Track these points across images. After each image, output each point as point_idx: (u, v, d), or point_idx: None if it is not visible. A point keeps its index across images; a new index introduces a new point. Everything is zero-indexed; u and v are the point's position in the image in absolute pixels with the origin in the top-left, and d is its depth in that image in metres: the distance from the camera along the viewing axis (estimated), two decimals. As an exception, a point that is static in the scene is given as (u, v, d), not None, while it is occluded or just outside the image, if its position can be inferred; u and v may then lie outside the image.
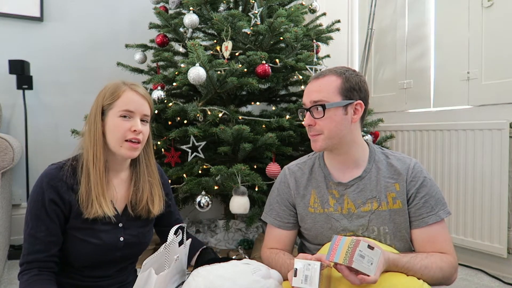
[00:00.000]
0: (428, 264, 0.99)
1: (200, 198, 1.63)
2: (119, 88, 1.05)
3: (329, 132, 1.07)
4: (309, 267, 0.88)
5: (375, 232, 1.10)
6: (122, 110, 1.03)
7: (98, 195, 1.01)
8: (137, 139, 1.04)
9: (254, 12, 1.90)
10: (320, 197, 1.16)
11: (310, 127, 1.09)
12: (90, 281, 1.06)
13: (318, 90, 1.08)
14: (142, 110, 1.06)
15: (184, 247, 1.13)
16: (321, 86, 1.09)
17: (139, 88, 1.08)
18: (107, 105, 1.04)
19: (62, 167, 1.03)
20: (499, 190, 1.86)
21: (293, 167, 1.25)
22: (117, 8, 2.73)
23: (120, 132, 1.02)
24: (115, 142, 1.03)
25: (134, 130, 1.03)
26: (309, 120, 1.08)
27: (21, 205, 2.42)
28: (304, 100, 1.12)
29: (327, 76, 1.10)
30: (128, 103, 1.04)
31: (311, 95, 1.09)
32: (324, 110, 1.06)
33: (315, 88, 1.09)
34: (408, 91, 2.43)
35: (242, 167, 1.52)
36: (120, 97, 1.04)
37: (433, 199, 1.09)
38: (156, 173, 1.18)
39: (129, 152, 1.04)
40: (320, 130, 1.08)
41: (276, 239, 1.23)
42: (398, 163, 1.13)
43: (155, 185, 1.15)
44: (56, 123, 2.55)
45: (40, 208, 0.98)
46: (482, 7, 2.00)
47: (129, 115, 1.04)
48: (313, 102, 1.08)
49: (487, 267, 1.95)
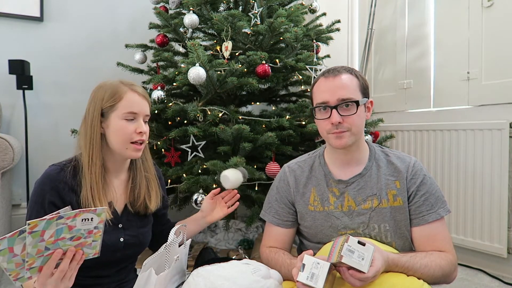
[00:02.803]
0: (428, 263, 0.99)
1: (197, 196, 1.62)
2: (119, 89, 1.04)
3: (356, 128, 1.08)
4: (318, 265, 0.87)
5: (375, 230, 1.10)
6: (126, 113, 1.03)
7: (95, 198, 1.01)
8: (142, 140, 1.06)
9: (254, 12, 1.90)
10: (320, 195, 1.16)
11: (339, 124, 1.06)
12: (89, 280, 1.06)
13: (344, 88, 1.07)
14: (144, 110, 1.07)
15: (184, 247, 1.13)
16: (345, 83, 1.08)
17: (138, 88, 1.08)
18: (108, 107, 1.03)
19: (63, 168, 1.03)
20: (499, 190, 1.86)
21: (293, 165, 1.25)
22: (117, 8, 2.73)
23: (126, 135, 1.03)
24: (120, 144, 1.03)
25: (139, 132, 1.04)
26: (338, 117, 1.05)
27: (21, 205, 2.42)
28: (327, 98, 1.08)
29: (343, 74, 1.09)
30: (131, 105, 1.04)
31: (337, 93, 1.06)
32: (357, 107, 1.07)
33: (339, 86, 1.07)
34: (408, 91, 2.43)
35: (238, 159, 1.49)
36: (122, 98, 1.03)
37: (433, 197, 1.10)
38: (152, 168, 1.18)
39: (134, 153, 1.05)
40: (348, 127, 1.07)
41: (275, 237, 1.23)
42: (398, 161, 1.14)
43: (151, 180, 1.16)
44: (56, 123, 2.55)
45: (40, 210, 0.98)
46: (482, 7, 2.00)
47: (134, 117, 1.04)
48: (341, 100, 1.06)
49: (487, 267, 1.95)
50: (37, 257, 0.79)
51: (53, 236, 0.79)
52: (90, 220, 0.81)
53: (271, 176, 1.70)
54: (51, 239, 0.79)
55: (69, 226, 0.80)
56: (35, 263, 0.79)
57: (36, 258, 0.79)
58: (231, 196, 1.34)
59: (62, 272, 0.81)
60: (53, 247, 0.80)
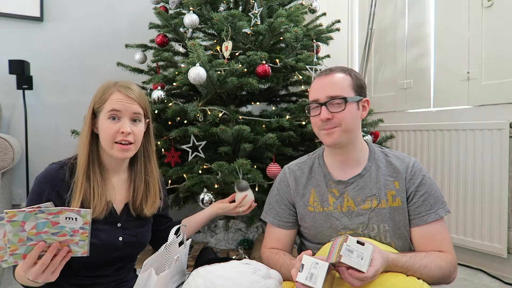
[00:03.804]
0: (428, 263, 0.99)
1: (203, 195, 1.63)
2: (108, 90, 1.05)
3: (346, 125, 1.09)
4: (316, 265, 0.87)
5: (375, 230, 1.10)
6: (109, 111, 1.02)
7: (86, 197, 1.01)
8: (126, 140, 1.03)
9: (254, 12, 1.90)
10: (319, 196, 1.16)
11: (328, 120, 1.09)
12: (88, 279, 1.06)
13: (334, 85, 1.10)
14: (130, 109, 1.04)
15: (184, 247, 1.13)
16: (335, 81, 1.10)
17: (126, 89, 1.05)
18: (97, 107, 1.04)
19: (62, 166, 1.04)
20: (499, 190, 1.86)
21: (292, 167, 1.25)
22: (117, 8, 2.73)
23: (109, 134, 1.02)
24: (106, 144, 1.04)
25: (122, 131, 1.02)
26: (327, 114, 1.08)
27: (21, 205, 2.42)
28: (317, 96, 1.11)
29: (336, 73, 1.12)
30: (114, 104, 1.03)
31: (326, 90, 1.10)
32: (346, 103, 1.08)
33: (329, 84, 1.10)
34: (408, 91, 2.43)
35: (243, 162, 1.53)
36: (108, 99, 1.03)
37: (432, 198, 1.10)
38: (156, 173, 1.17)
39: (120, 154, 1.03)
40: (338, 122, 1.09)
41: (276, 238, 1.23)
42: (397, 162, 1.14)
43: (152, 185, 1.14)
44: (56, 123, 2.55)
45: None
46: (482, 7, 2.00)
47: (117, 115, 1.03)
48: (329, 97, 1.09)
49: (487, 267, 1.95)
50: (19, 245, 0.79)
51: (34, 228, 0.78)
52: (74, 220, 0.80)
53: (272, 177, 1.70)
54: (33, 231, 0.79)
55: (52, 222, 0.79)
56: (18, 250, 0.80)
57: (18, 246, 0.79)
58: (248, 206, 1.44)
59: (43, 265, 0.81)
60: (36, 238, 0.80)
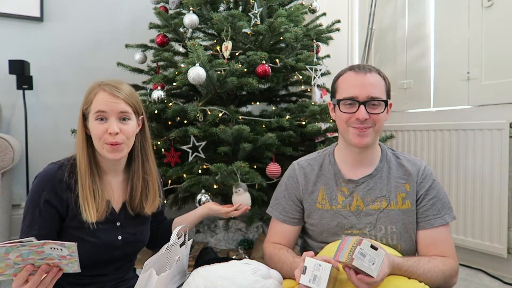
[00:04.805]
0: (431, 268, 0.99)
1: (201, 196, 1.63)
2: (93, 91, 1.04)
3: (379, 126, 1.10)
4: (319, 267, 0.87)
5: (382, 231, 1.11)
6: (95, 113, 1.01)
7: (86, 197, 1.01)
8: (114, 141, 1.01)
9: (254, 12, 1.90)
10: (328, 194, 1.16)
11: (365, 121, 1.07)
12: (88, 279, 1.06)
13: (374, 86, 1.09)
14: (116, 108, 1.02)
15: (185, 248, 1.13)
16: (375, 82, 1.10)
17: (111, 87, 1.03)
18: (85, 108, 1.04)
19: (61, 166, 1.04)
20: (499, 190, 1.86)
21: (302, 163, 1.24)
22: (117, 8, 2.73)
23: (98, 136, 1.01)
24: (97, 145, 1.03)
25: (109, 132, 1.00)
26: (366, 114, 1.06)
27: (21, 205, 2.42)
28: (356, 93, 1.07)
29: (373, 73, 1.11)
30: (99, 104, 1.01)
31: (368, 90, 1.07)
32: (386, 106, 1.09)
33: (370, 84, 1.08)
34: (408, 91, 2.43)
35: (241, 164, 1.53)
36: (93, 100, 1.02)
37: (440, 202, 1.11)
38: (154, 171, 1.16)
39: (111, 155, 1.02)
40: (373, 123, 1.09)
41: (280, 234, 1.23)
42: (408, 164, 1.15)
43: (150, 183, 1.13)
44: (56, 123, 2.55)
45: (35, 208, 0.98)
46: (482, 7, 2.00)
47: (103, 116, 1.01)
48: (370, 97, 1.07)
49: (487, 267, 1.95)
50: (7, 268, 0.79)
51: (20, 256, 0.78)
52: (60, 250, 0.79)
53: (272, 176, 1.70)
54: (19, 259, 0.78)
55: (37, 251, 0.78)
56: (6, 272, 0.79)
57: (6, 269, 0.79)
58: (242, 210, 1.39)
59: (34, 284, 0.81)
60: (24, 263, 0.79)
